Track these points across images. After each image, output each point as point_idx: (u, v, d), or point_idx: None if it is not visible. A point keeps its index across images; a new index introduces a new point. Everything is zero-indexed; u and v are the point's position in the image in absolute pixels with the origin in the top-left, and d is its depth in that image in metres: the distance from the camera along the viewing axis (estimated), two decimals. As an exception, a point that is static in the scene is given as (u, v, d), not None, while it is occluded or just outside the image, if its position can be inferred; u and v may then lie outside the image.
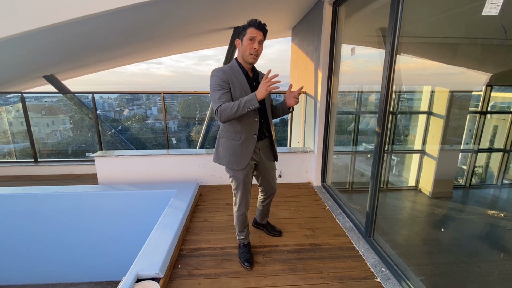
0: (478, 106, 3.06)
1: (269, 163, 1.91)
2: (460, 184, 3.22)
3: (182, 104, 6.91)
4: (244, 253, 1.98)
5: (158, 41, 4.79)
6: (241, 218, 1.92)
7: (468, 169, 3.16)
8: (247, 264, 1.90)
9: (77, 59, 4.55)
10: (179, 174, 3.33)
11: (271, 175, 1.96)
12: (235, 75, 1.64)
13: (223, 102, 1.55)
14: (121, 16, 2.96)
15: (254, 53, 1.58)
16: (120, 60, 6.65)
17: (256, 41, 1.56)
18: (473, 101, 3.09)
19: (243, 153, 1.72)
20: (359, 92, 3.57)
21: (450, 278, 1.95)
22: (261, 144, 1.81)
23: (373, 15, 2.78)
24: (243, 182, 1.79)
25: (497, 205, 2.97)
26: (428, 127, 3.32)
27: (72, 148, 4.80)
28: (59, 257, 2.89)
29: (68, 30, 3.04)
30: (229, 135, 1.73)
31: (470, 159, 3.17)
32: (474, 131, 3.12)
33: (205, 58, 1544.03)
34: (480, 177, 3.24)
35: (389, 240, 2.10)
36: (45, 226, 2.82)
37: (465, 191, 3.20)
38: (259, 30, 1.56)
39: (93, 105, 3.76)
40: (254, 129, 1.70)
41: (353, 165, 3.47)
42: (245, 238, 2.02)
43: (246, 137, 1.70)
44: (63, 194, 2.82)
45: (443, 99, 3.13)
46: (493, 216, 2.61)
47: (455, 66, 3.01)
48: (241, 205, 1.87)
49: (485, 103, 3.03)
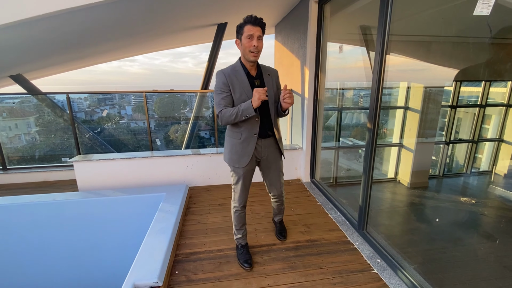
0: (449, 101, 3.27)
1: (274, 162, 1.88)
2: (434, 174, 3.43)
3: (158, 103, 6.70)
4: (243, 254, 1.95)
5: (137, 38, 4.58)
6: (237, 213, 1.92)
7: (440, 160, 3.37)
8: (246, 265, 1.88)
9: (47, 58, 4.22)
10: (166, 177, 3.22)
11: (274, 175, 1.93)
12: (236, 76, 1.64)
13: (223, 108, 1.61)
14: (99, 12, 2.78)
15: (254, 50, 1.56)
16: (93, 59, 6.28)
17: (255, 38, 1.54)
18: (445, 95, 3.29)
19: (244, 152, 1.73)
20: (341, 89, 3.66)
21: (437, 264, 2.06)
22: (265, 142, 1.79)
23: (356, 13, 2.85)
24: (242, 178, 1.81)
25: (468, 192, 3.19)
26: (405, 121, 3.49)
27: (46, 153, 4.45)
28: (40, 273, 2.68)
29: (38, 27, 2.80)
30: (231, 134, 1.76)
31: (443, 150, 3.37)
32: (445, 124, 3.32)
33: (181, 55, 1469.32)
34: (451, 167, 3.47)
35: (380, 231, 2.18)
36: (22, 240, 2.60)
37: (439, 180, 3.41)
38: (256, 26, 1.54)
39: (68, 107, 3.51)
40: (255, 129, 1.70)
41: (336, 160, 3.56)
42: (242, 237, 1.99)
43: (247, 137, 1.71)
44: (40, 203, 2.61)
45: (418, 95, 3.30)
46: (466, 203, 2.80)
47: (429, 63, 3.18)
48: (238, 200, 1.88)
49: (455, 97, 3.24)
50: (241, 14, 1.58)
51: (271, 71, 1.77)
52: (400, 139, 3.53)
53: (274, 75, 1.77)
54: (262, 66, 1.76)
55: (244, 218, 1.96)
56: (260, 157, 1.82)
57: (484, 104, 3.06)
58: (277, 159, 1.89)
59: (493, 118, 3.11)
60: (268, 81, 1.72)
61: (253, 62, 1.65)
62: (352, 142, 3.89)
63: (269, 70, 1.77)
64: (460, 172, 3.47)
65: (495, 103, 3.04)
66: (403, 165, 3.42)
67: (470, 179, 3.34)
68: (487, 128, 3.15)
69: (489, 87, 3.00)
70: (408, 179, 3.28)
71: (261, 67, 1.75)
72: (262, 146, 1.79)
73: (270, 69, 1.78)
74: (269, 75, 1.74)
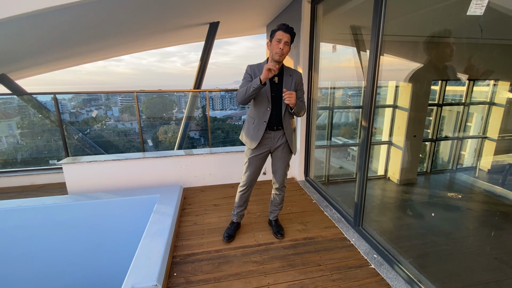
0: (435, 99, 3.37)
1: (283, 154, 2.05)
2: (422, 171, 3.52)
3: (146, 103, 6.59)
4: (230, 229, 2.26)
5: (125, 38, 4.47)
6: (240, 194, 2.15)
7: (428, 157, 3.47)
8: (225, 238, 2.17)
9: (32, 57, 4.05)
10: (159, 178, 3.16)
11: (280, 166, 2.10)
12: (259, 70, 1.88)
13: (241, 87, 1.86)
14: (84, 10, 2.70)
15: (279, 52, 1.76)
16: (79, 58, 6.09)
17: (282, 42, 1.75)
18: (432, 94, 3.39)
19: (254, 135, 1.95)
20: (332, 88, 3.71)
21: (430, 257, 2.12)
22: (274, 134, 1.98)
23: (348, 13, 2.89)
24: (252, 161, 2.03)
25: (454, 187, 3.30)
26: (394, 120, 3.57)
27: (31, 155, 4.28)
28: (32, 279, 2.57)
29: (23, 25, 2.69)
30: (248, 118, 2.03)
31: (430, 147, 3.47)
32: (432, 122, 3.42)
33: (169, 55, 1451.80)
34: (437, 164, 3.58)
35: (375, 227, 2.22)
36: (10, 246, 2.49)
37: (426, 176, 3.51)
38: (286, 33, 1.75)
39: (55, 108, 3.39)
40: (265, 117, 1.91)
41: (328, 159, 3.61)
42: (237, 215, 2.26)
43: (257, 122, 1.93)
44: (28, 208, 2.51)
45: (406, 93, 3.38)
46: (453, 198, 2.90)
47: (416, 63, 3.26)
48: (245, 179, 2.09)
49: (441, 96, 3.34)
50: (233, 13, 1.62)
51: (294, 73, 1.94)
52: (389, 137, 3.61)
53: (296, 77, 1.94)
54: (286, 68, 1.94)
55: (245, 199, 2.19)
56: (270, 147, 2.01)
57: (468, 102, 3.17)
58: (286, 152, 2.06)
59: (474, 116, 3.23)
60: (287, 80, 1.90)
61: (277, 62, 1.82)
62: (341, 141, 3.95)
63: (292, 72, 1.94)
64: (446, 168, 3.58)
65: (478, 101, 3.16)
66: (393, 162, 3.50)
67: (456, 174, 3.46)
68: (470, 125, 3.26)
69: (473, 86, 3.11)
70: (397, 176, 3.35)
71: (285, 68, 1.93)
72: (272, 138, 1.98)
73: (294, 72, 1.95)
74: (291, 76, 1.92)
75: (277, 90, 1.89)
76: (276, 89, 1.89)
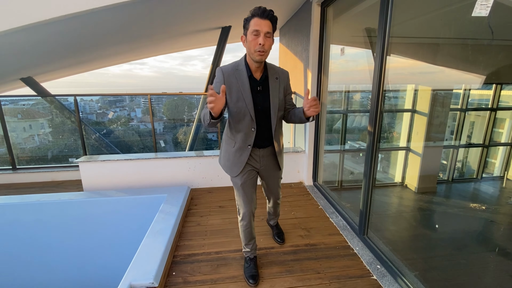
0: (458, 104, 3.18)
1: (273, 170, 1.75)
2: (443, 179, 3.33)
3: (168, 105, 6.79)
4: (249, 268, 1.81)
5: (144, 41, 4.66)
6: (243, 228, 1.75)
7: (450, 164, 3.27)
8: (251, 282, 1.73)
9: (57, 61, 4.34)
10: (169, 178, 3.25)
11: (273, 183, 1.83)
12: (236, 77, 1.43)
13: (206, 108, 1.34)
14: (107, 16, 2.85)
15: (260, 49, 1.32)
16: (103, 61, 6.43)
17: (262, 34, 1.30)
18: (454, 98, 3.21)
19: (236, 161, 1.59)
20: (346, 92, 3.62)
21: (440, 272, 2.00)
22: (263, 152, 1.63)
23: (359, 16, 2.83)
24: (242, 188, 1.64)
25: (478, 198, 3.09)
26: (412, 125, 3.42)
27: (53, 153, 4.57)
28: (43, 270, 2.74)
29: (49, 30, 2.89)
30: (227, 140, 1.62)
31: (452, 154, 3.28)
32: (455, 128, 3.24)
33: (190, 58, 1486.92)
34: (461, 172, 3.37)
35: (382, 237, 2.13)
36: (27, 238, 2.66)
37: (448, 185, 3.31)
38: (264, 19, 1.30)
39: (75, 109, 3.60)
40: (249, 140, 1.53)
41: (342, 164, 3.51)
42: (251, 251, 1.84)
43: (240, 147, 1.55)
44: (46, 202, 2.67)
45: (426, 97, 3.23)
46: (476, 209, 2.71)
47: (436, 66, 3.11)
48: (243, 213, 1.72)
49: (465, 100, 3.15)
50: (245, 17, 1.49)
51: (280, 74, 1.55)
52: (407, 143, 3.46)
53: (282, 78, 1.55)
54: (270, 67, 1.52)
55: (253, 233, 1.81)
56: (258, 167, 1.67)
57: (495, 107, 2.98)
58: (276, 170, 1.77)
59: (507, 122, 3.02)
60: (273, 86, 1.50)
61: (259, 63, 1.41)
62: (359, 145, 3.84)
63: (278, 73, 1.54)
64: (470, 178, 3.37)
65: (507, 106, 2.95)
66: (410, 169, 3.35)
67: (481, 184, 3.24)
68: (501, 132, 3.06)
69: (500, 90, 2.91)
70: (415, 184, 3.20)
71: (268, 68, 1.51)
72: (260, 156, 1.63)
73: (280, 71, 1.56)
74: (277, 78, 1.52)
75: (263, 101, 1.48)
76: (261, 101, 1.48)
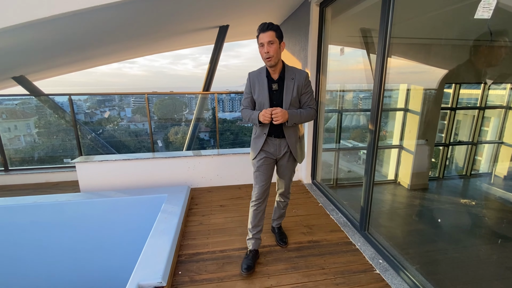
0: (448, 103, 3.29)
1: (288, 163, 1.94)
2: (434, 176, 3.44)
3: (158, 104, 6.72)
4: (247, 259, 1.92)
5: (138, 41, 4.60)
6: (254, 209, 1.94)
7: (440, 162, 3.38)
8: (244, 271, 1.83)
9: (50, 60, 4.23)
10: (168, 178, 3.23)
11: (285, 173, 2.00)
12: (258, 79, 1.79)
13: (244, 107, 1.91)
14: (103, 14, 2.81)
15: (266, 56, 1.66)
16: (94, 61, 6.31)
17: (265, 45, 1.63)
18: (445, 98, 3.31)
19: (254, 146, 1.91)
20: (341, 91, 3.68)
21: (438, 265, 2.07)
22: (280, 142, 1.87)
23: (357, 16, 2.88)
24: (257, 170, 1.90)
25: (468, 194, 3.20)
26: (405, 123, 3.51)
27: (47, 154, 4.46)
28: (42, 274, 2.68)
29: (41, 29, 2.82)
30: (253, 129, 1.97)
31: (442, 152, 3.39)
32: (445, 126, 3.34)
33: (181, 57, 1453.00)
34: (450, 169, 3.48)
35: (382, 232, 2.19)
36: (24, 241, 2.60)
37: (439, 182, 3.41)
38: (265, 32, 1.62)
39: (70, 108, 3.53)
40: (265, 129, 1.84)
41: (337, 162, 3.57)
42: (253, 238, 1.96)
43: (258, 134, 1.88)
44: (43, 204, 2.62)
45: (418, 97, 3.32)
46: (466, 205, 2.81)
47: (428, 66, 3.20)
48: (254, 192, 1.94)
49: (455, 99, 3.26)
50: (242, 17, 1.62)
51: (297, 74, 1.76)
52: (400, 141, 3.55)
53: (298, 78, 1.76)
54: (288, 69, 1.78)
55: (260, 216, 1.95)
56: (275, 155, 1.91)
57: (483, 106, 3.08)
58: (292, 161, 1.94)
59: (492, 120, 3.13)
60: (288, 85, 1.75)
61: (272, 67, 1.72)
62: (351, 144, 3.91)
63: (295, 73, 1.77)
64: (460, 174, 3.48)
65: (494, 105, 3.06)
66: (403, 167, 3.43)
67: (470, 180, 3.36)
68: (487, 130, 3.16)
69: (488, 89, 3.02)
70: (408, 181, 3.29)
71: (286, 70, 1.77)
72: (277, 145, 1.87)
73: (298, 72, 1.78)
74: (293, 79, 1.75)
75: (278, 98, 1.77)
76: (276, 97, 1.77)
